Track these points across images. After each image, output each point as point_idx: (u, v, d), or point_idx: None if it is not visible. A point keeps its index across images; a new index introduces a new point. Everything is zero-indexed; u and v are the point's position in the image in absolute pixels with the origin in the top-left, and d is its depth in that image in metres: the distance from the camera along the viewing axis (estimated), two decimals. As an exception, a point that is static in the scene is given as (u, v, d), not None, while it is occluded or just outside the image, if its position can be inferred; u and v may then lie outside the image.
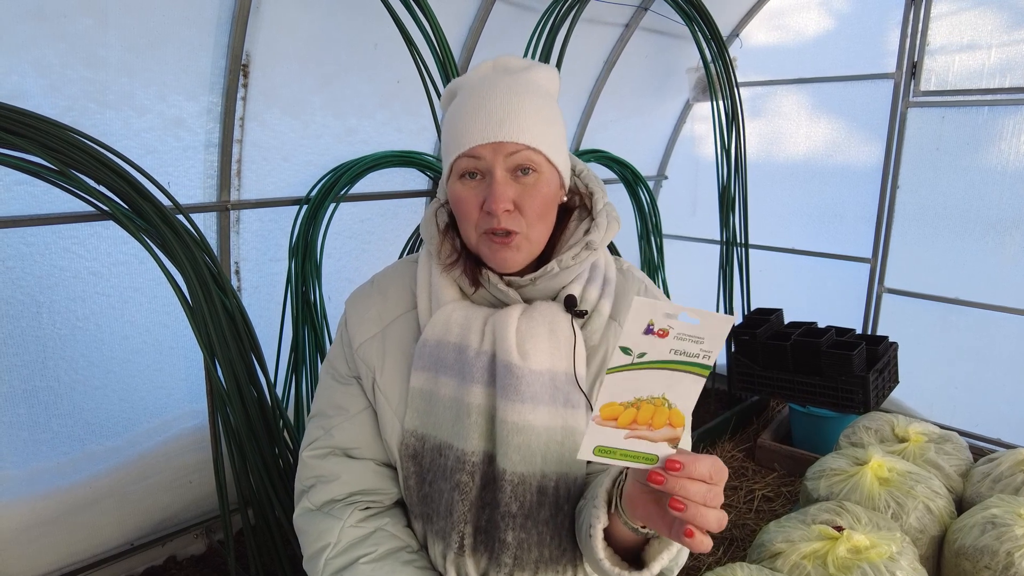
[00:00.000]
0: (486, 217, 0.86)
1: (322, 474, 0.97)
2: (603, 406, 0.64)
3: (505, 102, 0.85)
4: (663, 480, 0.64)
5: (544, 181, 0.87)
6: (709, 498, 0.64)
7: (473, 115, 0.86)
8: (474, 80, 0.91)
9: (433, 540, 0.94)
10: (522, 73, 0.91)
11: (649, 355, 0.62)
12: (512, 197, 0.85)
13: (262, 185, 2.19)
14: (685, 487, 0.64)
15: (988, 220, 2.94)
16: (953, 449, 2.35)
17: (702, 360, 0.63)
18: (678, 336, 0.61)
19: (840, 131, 3.35)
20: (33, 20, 1.60)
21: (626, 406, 0.64)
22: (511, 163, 0.86)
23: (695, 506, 0.64)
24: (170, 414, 2.20)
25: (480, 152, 0.85)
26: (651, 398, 0.64)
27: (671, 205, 3.92)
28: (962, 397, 3.11)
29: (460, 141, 0.86)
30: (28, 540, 1.92)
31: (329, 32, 2.14)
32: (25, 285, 1.81)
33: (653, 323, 0.61)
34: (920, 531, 1.94)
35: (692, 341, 0.61)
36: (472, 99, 0.87)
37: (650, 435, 0.65)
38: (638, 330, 0.61)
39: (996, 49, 2.84)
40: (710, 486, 0.64)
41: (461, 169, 0.87)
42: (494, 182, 0.85)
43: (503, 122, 0.84)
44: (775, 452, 2.97)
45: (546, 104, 0.89)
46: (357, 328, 0.98)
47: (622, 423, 0.64)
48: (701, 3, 2.89)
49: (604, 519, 0.76)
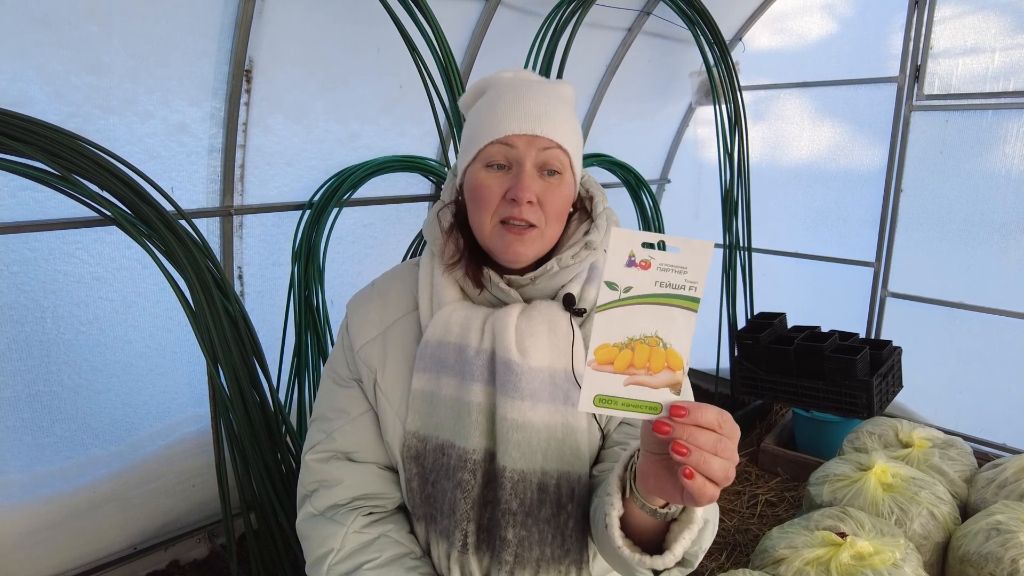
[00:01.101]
0: (508, 205, 0.88)
1: (325, 478, 0.98)
2: (597, 348, 0.63)
3: (543, 103, 0.89)
4: (670, 429, 0.62)
5: (565, 183, 0.91)
6: (720, 448, 0.61)
7: (511, 106, 0.88)
8: (507, 79, 0.94)
9: (437, 540, 0.94)
10: (549, 83, 0.95)
11: (635, 289, 0.62)
12: (536, 191, 0.88)
13: (265, 190, 2.20)
14: (693, 435, 0.61)
15: (993, 224, 2.93)
16: (957, 454, 2.33)
17: (689, 292, 0.62)
18: (661, 267, 0.61)
19: (843, 135, 3.34)
20: (38, 27, 1.61)
21: (620, 348, 0.63)
22: (541, 159, 0.88)
23: (699, 451, 0.61)
24: (173, 418, 2.20)
25: (515, 141, 0.88)
26: (644, 337, 0.62)
27: (674, 209, 3.92)
28: (966, 402, 3.10)
29: (495, 128, 0.88)
30: (31, 544, 1.93)
31: (332, 37, 2.15)
32: (29, 290, 1.82)
33: (634, 255, 0.61)
34: (924, 537, 1.93)
35: (676, 271, 0.61)
36: (509, 93, 0.90)
37: (650, 380, 0.63)
38: (620, 262, 0.61)
39: (1000, 52, 2.83)
40: (720, 436, 0.62)
41: (490, 156, 0.89)
42: (523, 173, 0.87)
43: (541, 118, 0.88)
44: (778, 457, 2.96)
45: (572, 115, 0.94)
46: (358, 331, 0.99)
47: (619, 367, 0.63)
48: (704, 7, 2.90)
49: (619, 507, 0.74)
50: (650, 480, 0.68)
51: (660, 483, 0.67)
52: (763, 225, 3.49)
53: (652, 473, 0.67)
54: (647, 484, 0.69)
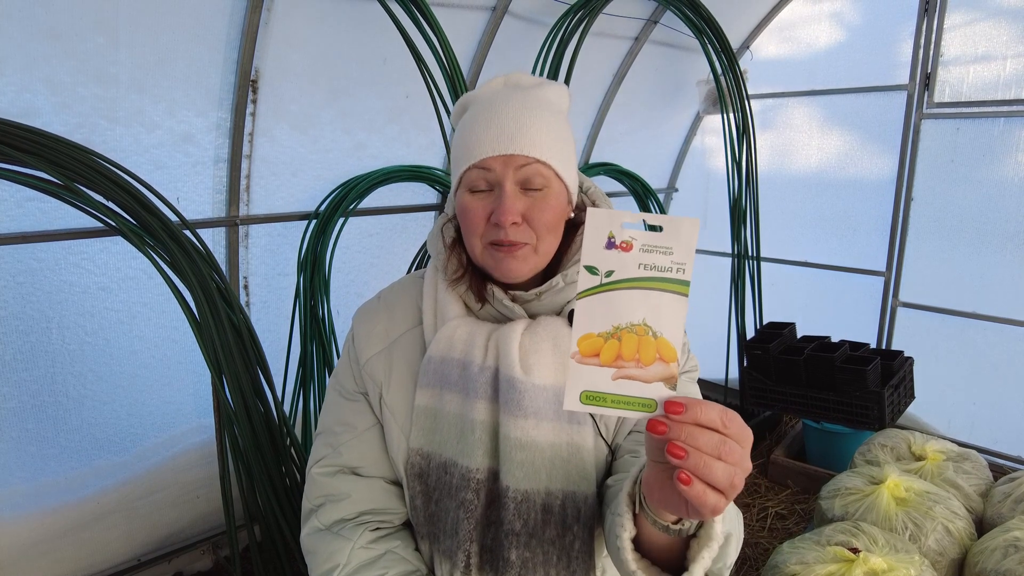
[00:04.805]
0: (492, 228, 0.86)
1: (331, 493, 0.96)
2: (580, 338, 0.57)
3: (517, 116, 0.86)
4: (666, 428, 0.55)
5: (553, 195, 0.88)
6: (724, 451, 0.54)
7: (485, 127, 0.86)
8: (486, 94, 0.92)
9: (440, 560, 0.93)
10: (533, 90, 0.92)
11: (618, 273, 0.56)
12: (521, 210, 0.85)
13: (271, 200, 2.20)
14: (692, 434, 0.54)
15: (1006, 232, 2.89)
16: (972, 468, 2.29)
17: (676, 275, 0.56)
18: (644, 248, 0.56)
19: (852, 143, 3.32)
20: (46, 39, 1.62)
21: (606, 337, 0.57)
22: (521, 176, 0.86)
23: (698, 454, 0.54)
24: (178, 429, 2.19)
25: (490, 164, 0.85)
26: (631, 325, 0.57)
27: (682, 218, 3.90)
28: (981, 413, 3.05)
29: (471, 152, 0.86)
30: (36, 555, 1.92)
31: (338, 47, 2.15)
32: (35, 300, 1.82)
33: (613, 235, 0.56)
34: (939, 554, 1.89)
35: (661, 252, 0.56)
36: (484, 112, 0.88)
37: (641, 374, 0.57)
38: (599, 245, 0.56)
39: (1011, 60, 2.81)
40: (724, 437, 0.55)
41: (471, 180, 0.88)
42: (504, 195, 0.85)
43: (515, 136, 0.85)
44: (788, 469, 2.93)
45: (557, 120, 0.89)
46: (364, 343, 0.97)
47: (605, 359, 0.57)
48: (711, 16, 2.89)
49: (629, 527, 0.68)
50: (655, 492, 0.61)
51: (665, 494, 0.59)
52: (772, 234, 3.47)
53: (657, 484, 0.60)
54: (652, 496, 0.62)
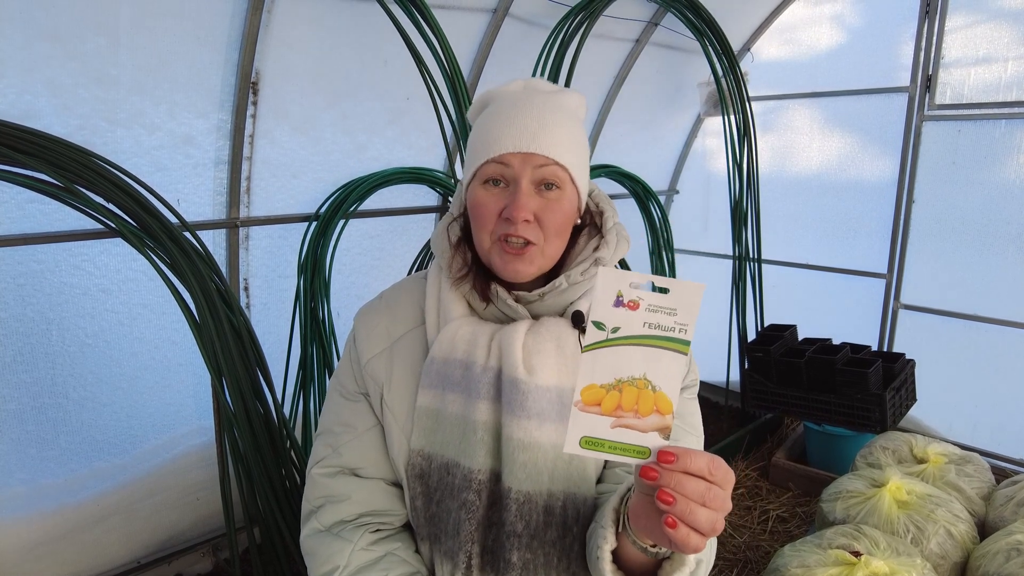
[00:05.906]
0: (504, 223, 0.87)
1: (331, 494, 0.96)
2: (584, 388, 0.62)
3: (540, 117, 0.87)
4: (657, 475, 0.60)
5: (566, 198, 0.89)
6: (709, 498, 0.59)
7: (507, 123, 0.87)
8: (508, 93, 0.93)
9: (441, 561, 0.92)
10: (553, 95, 0.93)
11: (623, 330, 0.61)
12: (534, 209, 0.86)
13: (271, 202, 2.20)
14: (681, 482, 0.59)
15: (1008, 235, 2.89)
16: (974, 470, 2.28)
17: (679, 335, 0.61)
18: (650, 308, 0.60)
19: (853, 145, 3.31)
20: (48, 41, 1.62)
21: (608, 389, 0.61)
22: (538, 176, 0.87)
23: (685, 501, 0.59)
24: (178, 431, 2.19)
25: (509, 160, 0.86)
26: (632, 379, 0.61)
27: (683, 220, 3.90)
28: (983, 416, 3.04)
29: (491, 147, 0.87)
30: (35, 557, 1.92)
31: (339, 49, 2.15)
32: (35, 302, 1.82)
33: (622, 294, 0.60)
34: (941, 557, 1.88)
35: (665, 313, 0.60)
36: (507, 109, 0.89)
37: (638, 424, 0.62)
38: (607, 302, 0.60)
39: (1013, 62, 2.81)
40: (710, 484, 0.60)
41: (487, 174, 0.88)
42: (519, 191, 0.86)
43: (536, 135, 0.86)
44: (790, 471, 2.92)
45: (575, 127, 0.91)
46: (366, 343, 0.97)
47: (606, 409, 0.61)
48: (712, 18, 2.89)
49: (611, 540, 0.73)
50: (641, 520, 0.67)
51: (650, 525, 0.65)
52: (773, 236, 3.46)
53: (643, 514, 0.66)
54: (638, 523, 0.67)
